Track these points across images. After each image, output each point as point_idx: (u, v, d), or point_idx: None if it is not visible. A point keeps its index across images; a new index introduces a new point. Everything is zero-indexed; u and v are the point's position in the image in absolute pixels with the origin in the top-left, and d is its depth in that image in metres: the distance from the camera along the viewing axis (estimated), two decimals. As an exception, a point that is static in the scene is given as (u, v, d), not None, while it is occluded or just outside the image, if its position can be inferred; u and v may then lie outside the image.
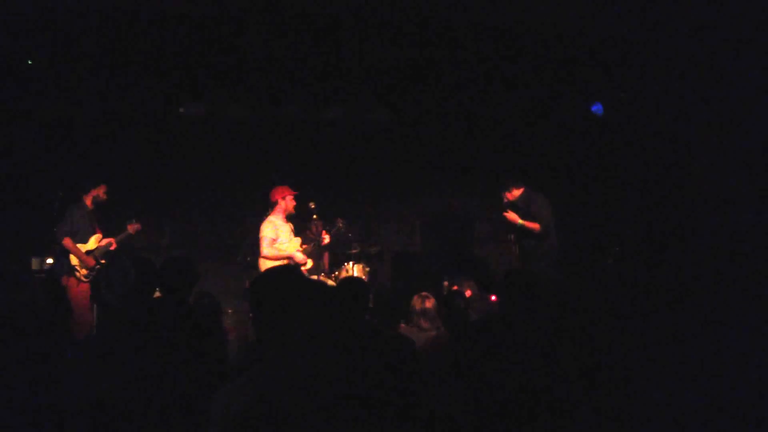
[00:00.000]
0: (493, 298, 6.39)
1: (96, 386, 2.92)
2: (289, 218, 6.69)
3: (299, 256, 6.55)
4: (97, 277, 6.40)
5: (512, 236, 7.02)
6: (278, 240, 6.51)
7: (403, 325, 4.63)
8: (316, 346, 2.29)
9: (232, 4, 6.16)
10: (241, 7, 6.22)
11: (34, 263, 7.06)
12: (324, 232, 6.94)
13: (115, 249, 6.82)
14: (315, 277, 6.66)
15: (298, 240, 6.75)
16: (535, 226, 6.65)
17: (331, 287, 5.37)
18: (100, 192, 6.78)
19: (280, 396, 2.21)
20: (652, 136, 7.61)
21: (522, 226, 6.70)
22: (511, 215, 6.75)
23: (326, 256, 7.59)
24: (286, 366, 2.17)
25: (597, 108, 8.08)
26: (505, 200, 6.91)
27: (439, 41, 6.91)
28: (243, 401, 2.25)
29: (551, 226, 6.71)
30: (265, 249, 6.49)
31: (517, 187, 6.89)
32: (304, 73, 7.47)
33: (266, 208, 6.76)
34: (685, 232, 6.86)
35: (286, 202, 6.58)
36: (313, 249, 6.85)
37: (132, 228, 6.92)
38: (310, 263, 6.78)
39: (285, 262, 6.41)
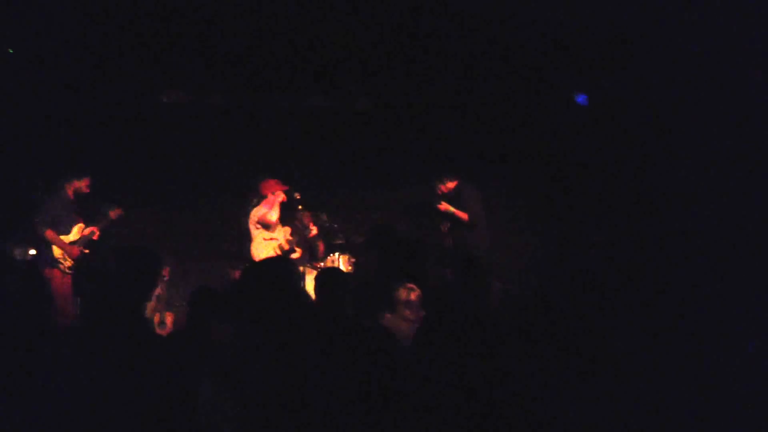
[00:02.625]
0: None
1: (79, 379, 2.91)
2: (275, 210, 6.77)
3: (282, 241, 6.67)
4: (78, 269, 6.31)
5: (446, 226, 7.29)
6: (268, 230, 6.65)
7: (388, 315, 4.63)
8: (297, 339, 2.30)
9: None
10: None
11: (17, 254, 6.99)
12: (311, 224, 7.00)
13: (98, 238, 6.71)
14: (302, 267, 6.66)
15: (288, 229, 6.84)
16: (463, 215, 6.95)
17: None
18: (82, 185, 6.64)
19: (264, 388, 2.22)
20: (636, 125, 7.64)
21: (452, 215, 7.00)
22: (444, 205, 7.04)
23: (320, 246, 7.61)
24: (267, 360, 2.17)
25: (582, 99, 8.09)
26: (439, 192, 7.18)
27: (421, 27, 6.91)
28: (229, 393, 2.26)
29: (481, 217, 7.01)
30: (254, 230, 6.76)
31: (451, 180, 7.16)
32: (286, 61, 7.44)
33: (252, 197, 6.84)
34: (668, 224, 6.91)
35: (275, 196, 6.68)
36: (300, 240, 6.90)
37: (114, 214, 6.80)
38: (298, 253, 6.85)
39: (273, 248, 6.57)
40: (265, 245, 6.64)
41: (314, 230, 6.99)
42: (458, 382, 2.33)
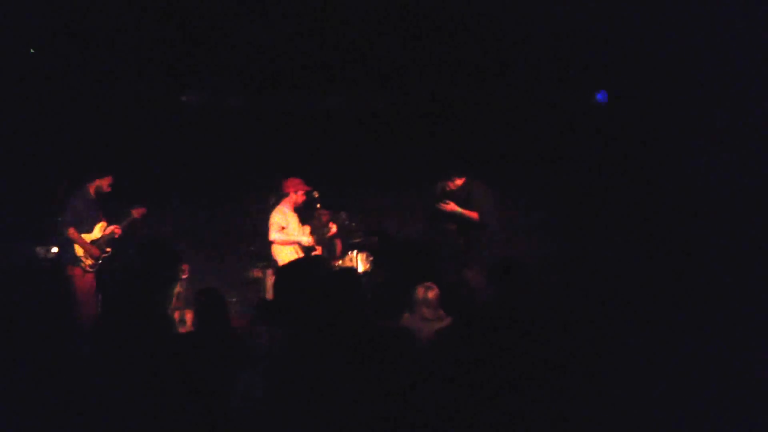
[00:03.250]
0: None
1: (101, 377, 2.94)
2: (296, 209, 6.86)
3: (305, 239, 6.70)
4: (101, 267, 6.36)
5: (454, 227, 6.77)
6: (287, 228, 6.71)
7: (406, 314, 4.65)
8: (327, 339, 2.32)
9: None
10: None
11: (40, 252, 7.06)
12: (331, 223, 7.02)
13: (120, 236, 6.75)
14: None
15: (307, 228, 6.89)
16: (473, 215, 6.47)
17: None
18: (104, 183, 6.69)
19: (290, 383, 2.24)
20: (653, 124, 7.60)
21: (461, 215, 6.52)
22: (450, 205, 6.55)
23: (338, 244, 7.64)
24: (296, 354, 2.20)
25: (602, 96, 8.04)
26: (447, 188, 6.70)
27: (436, 26, 6.91)
28: (257, 388, 2.28)
29: (493, 216, 6.56)
30: (273, 234, 6.71)
31: (459, 176, 6.69)
32: (304, 61, 7.48)
33: (271, 197, 6.91)
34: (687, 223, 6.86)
35: (297, 195, 6.75)
36: (320, 239, 6.93)
37: (137, 212, 6.80)
38: (317, 251, 6.90)
39: (293, 247, 6.62)
40: (290, 238, 6.73)
41: (333, 229, 7.02)
42: (481, 382, 2.33)
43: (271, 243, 6.76)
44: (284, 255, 6.72)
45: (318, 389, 2.21)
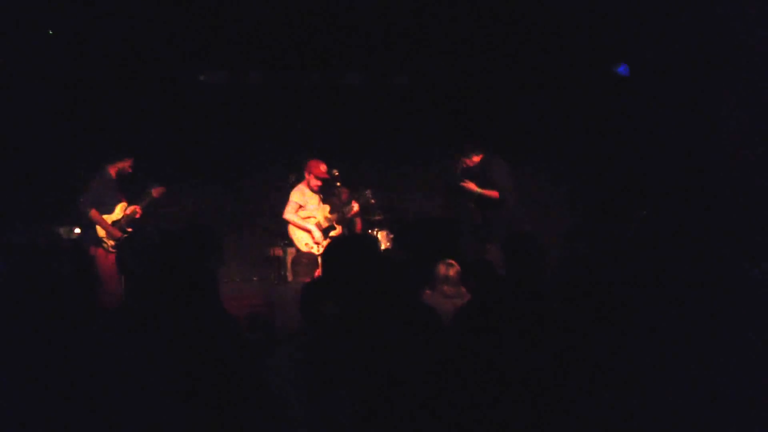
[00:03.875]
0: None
1: (125, 358, 2.96)
2: (317, 188, 6.85)
3: (317, 234, 6.72)
4: (121, 248, 6.37)
5: (472, 205, 6.76)
6: (306, 207, 6.72)
7: (428, 291, 4.65)
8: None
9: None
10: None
11: (62, 232, 7.13)
12: (353, 201, 6.98)
13: (141, 216, 6.79)
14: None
15: (327, 207, 6.87)
16: (493, 193, 6.42)
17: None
18: (126, 165, 6.73)
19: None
20: (678, 99, 7.48)
21: (480, 195, 6.48)
22: (469, 184, 6.50)
23: (359, 223, 7.64)
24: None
25: (623, 69, 7.95)
26: (464, 165, 6.62)
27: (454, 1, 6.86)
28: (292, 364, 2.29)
29: (511, 193, 6.49)
30: (288, 213, 6.75)
31: (477, 153, 6.60)
32: (323, 38, 7.45)
33: (291, 175, 6.96)
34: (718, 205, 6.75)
35: (312, 177, 6.72)
36: (340, 217, 6.91)
37: (156, 192, 6.82)
38: (338, 230, 6.89)
39: (311, 225, 6.66)
40: (301, 223, 6.74)
41: (355, 207, 6.97)
42: (502, 361, 2.32)
43: (287, 222, 6.80)
44: (299, 234, 6.76)
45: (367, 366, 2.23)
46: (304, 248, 6.65)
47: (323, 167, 6.72)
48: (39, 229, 7.14)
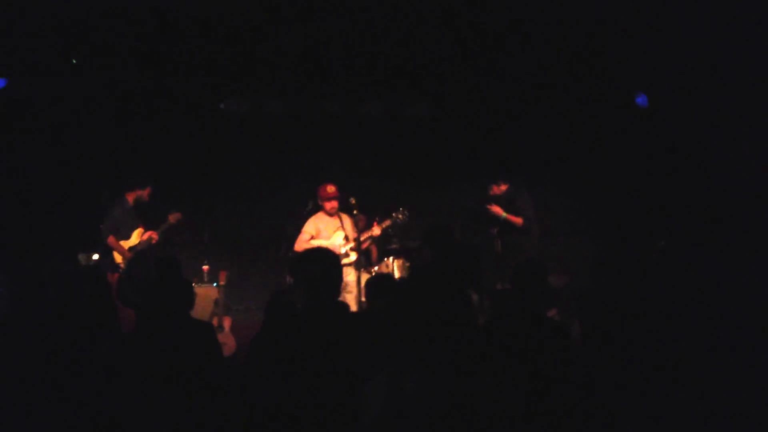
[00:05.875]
0: None
1: (136, 383, 2.97)
2: (333, 214, 6.74)
3: (338, 245, 6.62)
4: (121, 277, 6.35)
5: (495, 230, 7.12)
6: (320, 236, 6.64)
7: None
8: None
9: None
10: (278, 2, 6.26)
11: (81, 259, 7.17)
12: (375, 223, 6.91)
13: (152, 245, 6.76)
14: (355, 272, 6.60)
15: (342, 233, 6.76)
16: (518, 220, 6.79)
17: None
18: (144, 193, 6.82)
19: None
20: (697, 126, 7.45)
21: (505, 220, 6.83)
22: (496, 208, 6.87)
23: (374, 250, 7.58)
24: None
25: (642, 100, 7.93)
26: (491, 192, 7.02)
27: (475, 32, 6.89)
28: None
29: (533, 222, 6.85)
30: (298, 244, 6.68)
31: (505, 182, 6.99)
32: (343, 68, 7.50)
33: (309, 201, 6.95)
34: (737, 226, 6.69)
35: (324, 202, 6.66)
36: (357, 245, 6.80)
37: (173, 217, 6.89)
38: (353, 256, 6.73)
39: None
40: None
41: (376, 231, 6.88)
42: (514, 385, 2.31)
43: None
44: None
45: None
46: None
47: (330, 188, 6.66)
48: (61, 256, 7.21)
